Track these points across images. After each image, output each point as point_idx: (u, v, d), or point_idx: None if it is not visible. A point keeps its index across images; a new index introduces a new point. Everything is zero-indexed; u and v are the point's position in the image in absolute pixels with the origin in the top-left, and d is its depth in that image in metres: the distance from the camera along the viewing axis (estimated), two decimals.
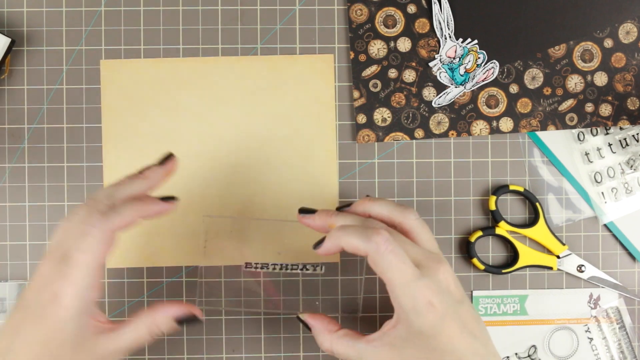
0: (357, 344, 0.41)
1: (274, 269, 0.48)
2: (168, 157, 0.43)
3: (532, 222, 0.51)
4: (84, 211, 0.39)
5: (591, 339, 0.51)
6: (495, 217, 0.50)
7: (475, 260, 0.50)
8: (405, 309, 0.39)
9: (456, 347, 0.39)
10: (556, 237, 0.50)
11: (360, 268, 0.48)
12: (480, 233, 0.50)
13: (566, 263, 0.50)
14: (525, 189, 0.50)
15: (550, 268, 0.50)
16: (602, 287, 0.51)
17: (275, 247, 0.48)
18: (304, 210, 0.44)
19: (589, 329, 0.51)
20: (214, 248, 0.47)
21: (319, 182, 0.50)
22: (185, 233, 0.50)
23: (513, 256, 0.51)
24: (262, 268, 0.47)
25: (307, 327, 0.44)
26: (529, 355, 0.51)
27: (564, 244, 0.50)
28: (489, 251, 0.51)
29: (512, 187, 0.50)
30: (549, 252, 0.51)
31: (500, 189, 0.50)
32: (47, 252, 0.40)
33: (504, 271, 0.50)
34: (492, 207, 0.50)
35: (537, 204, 0.50)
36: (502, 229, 0.50)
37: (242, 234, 0.48)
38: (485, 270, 0.50)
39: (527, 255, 0.50)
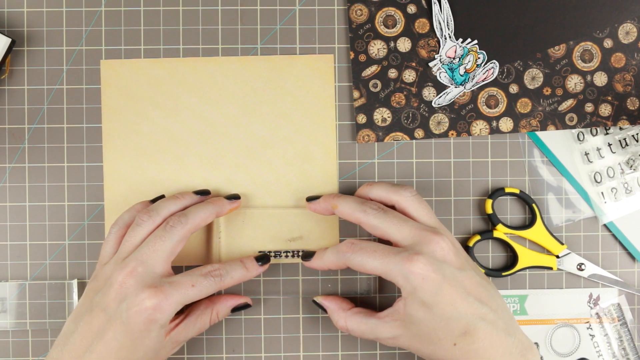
0: (369, 320, 0.44)
1: (287, 256, 0.49)
2: (235, 197, 0.48)
3: (530, 223, 0.51)
4: (154, 223, 0.44)
5: (593, 335, 0.51)
6: (492, 221, 0.50)
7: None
8: (402, 285, 0.41)
9: (461, 313, 0.40)
10: (554, 237, 0.50)
11: None
12: (478, 237, 0.50)
13: (566, 262, 0.51)
14: (521, 191, 0.50)
15: (550, 268, 0.50)
16: (602, 288, 0.51)
17: (286, 235, 0.49)
18: (311, 198, 0.48)
19: (590, 326, 0.51)
20: (229, 240, 0.49)
21: (319, 182, 0.50)
22: None
23: (512, 258, 0.51)
24: (275, 256, 0.49)
25: (322, 309, 0.47)
26: None
27: (562, 244, 0.50)
28: (489, 254, 0.51)
29: (507, 190, 0.50)
30: (549, 252, 0.51)
31: (496, 192, 0.50)
32: (121, 260, 0.42)
33: (504, 274, 0.50)
34: (489, 210, 0.50)
35: (534, 205, 0.50)
36: (500, 231, 0.50)
37: (254, 224, 0.49)
38: (485, 274, 0.50)
39: (526, 257, 0.50)
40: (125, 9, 0.50)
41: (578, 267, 0.51)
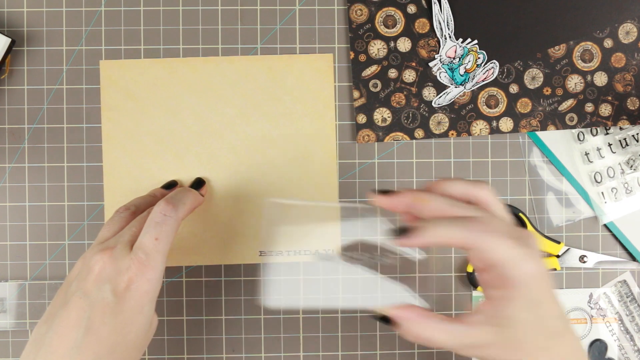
0: (456, 327, 0.36)
1: (372, 258, 0.45)
2: (200, 183, 0.49)
3: None
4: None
5: (604, 315, 0.51)
6: None
7: (480, 289, 0.49)
8: (516, 284, 0.35)
9: (555, 315, 0.36)
10: (549, 238, 0.50)
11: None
12: None
13: (567, 259, 0.50)
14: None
15: (554, 269, 0.50)
16: (603, 287, 0.51)
17: (339, 234, 0.47)
18: (382, 192, 0.39)
19: (600, 306, 0.51)
20: (274, 234, 0.47)
21: (319, 182, 0.50)
22: (185, 232, 0.50)
23: None
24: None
25: (387, 322, 0.38)
26: None
27: (559, 242, 0.50)
28: None
29: None
30: (549, 254, 0.51)
31: None
32: (99, 244, 0.40)
33: None
34: None
35: (520, 214, 0.50)
36: None
37: (300, 220, 0.47)
38: None
39: None
40: (125, 9, 0.50)
41: (580, 259, 0.50)
